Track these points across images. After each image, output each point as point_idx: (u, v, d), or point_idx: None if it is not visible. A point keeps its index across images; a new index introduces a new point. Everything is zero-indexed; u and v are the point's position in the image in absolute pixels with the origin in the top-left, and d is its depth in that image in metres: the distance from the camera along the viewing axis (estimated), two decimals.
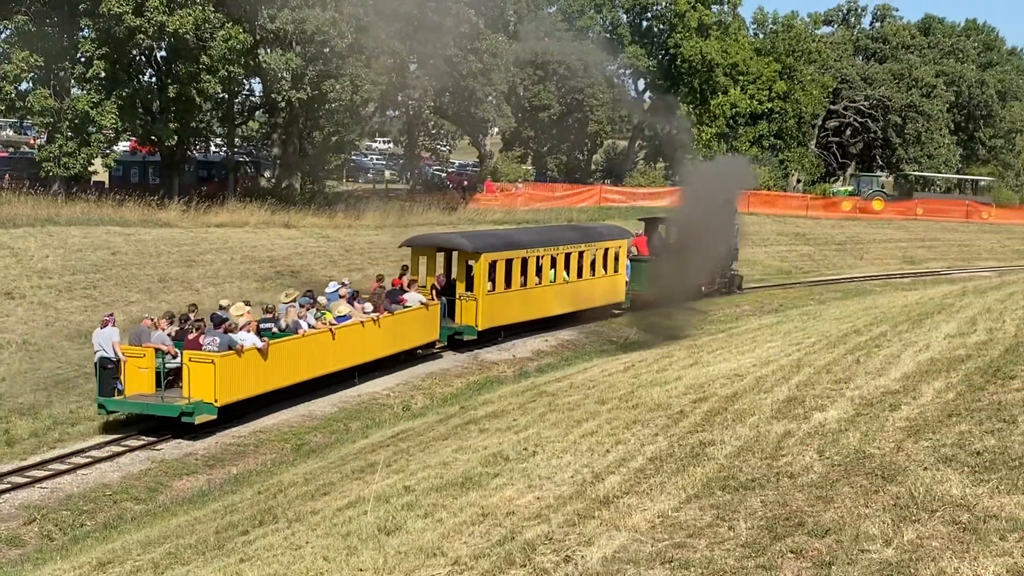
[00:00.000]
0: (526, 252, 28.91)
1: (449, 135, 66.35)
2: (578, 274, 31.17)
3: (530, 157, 66.27)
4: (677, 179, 61.73)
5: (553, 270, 30.12)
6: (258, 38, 43.01)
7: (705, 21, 64.45)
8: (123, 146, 55.54)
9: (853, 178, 71.67)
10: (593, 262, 31.74)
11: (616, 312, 33.11)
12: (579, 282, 31.13)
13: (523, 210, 52.45)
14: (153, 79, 43.57)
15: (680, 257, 30.57)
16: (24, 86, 40.47)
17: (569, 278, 30.74)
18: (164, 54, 42.41)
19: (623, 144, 73.30)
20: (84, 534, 15.07)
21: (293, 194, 46.16)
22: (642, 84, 70.14)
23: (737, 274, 39.09)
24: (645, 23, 67.75)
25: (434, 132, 62.78)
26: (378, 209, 46.17)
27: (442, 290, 26.92)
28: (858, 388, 11.56)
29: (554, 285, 30.11)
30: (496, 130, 64.29)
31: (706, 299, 34.22)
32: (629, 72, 68.29)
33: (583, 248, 31.32)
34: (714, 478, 9.04)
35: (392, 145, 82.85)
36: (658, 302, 28.79)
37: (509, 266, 28.21)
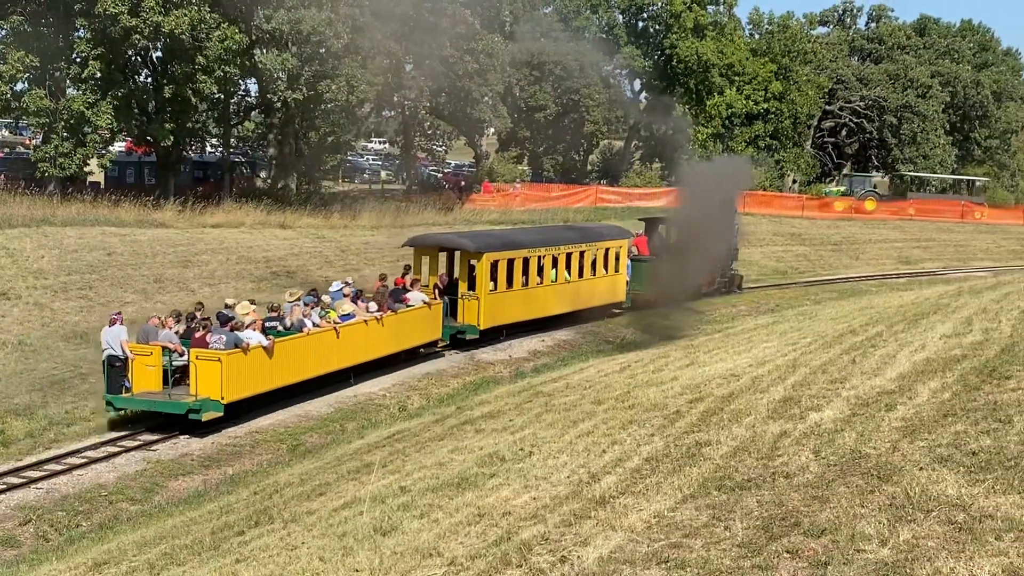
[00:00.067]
0: (528, 252, 29.00)
1: (445, 135, 66.32)
2: (579, 274, 31.27)
3: (526, 157, 66.26)
4: (673, 179, 61.78)
5: (554, 270, 30.24)
6: (254, 38, 42.99)
7: (701, 21, 64.48)
8: (119, 146, 55.47)
9: (846, 178, 71.72)
10: (594, 262, 31.83)
11: (617, 312, 33.19)
12: (580, 282, 31.22)
13: (519, 210, 52.46)
14: (149, 79, 43.55)
15: (680, 257, 30.62)
16: (20, 86, 40.47)
17: (570, 278, 30.84)
18: (160, 54, 42.38)
19: (619, 144, 73.33)
20: (80, 535, 15.05)
21: (289, 194, 46.14)
22: (638, 84, 70.23)
23: (737, 274, 39.13)
24: (641, 23, 67.78)
25: (430, 132, 62.75)
26: (374, 210, 46.18)
27: (444, 289, 27.01)
28: (854, 388, 11.58)
29: (555, 285, 30.23)
30: (492, 130, 64.33)
31: (704, 299, 34.24)
32: (625, 72, 68.32)
33: (584, 248, 31.41)
34: (710, 478, 9.05)
35: (388, 145, 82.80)
36: (658, 302, 28.83)
37: (511, 266, 28.30)
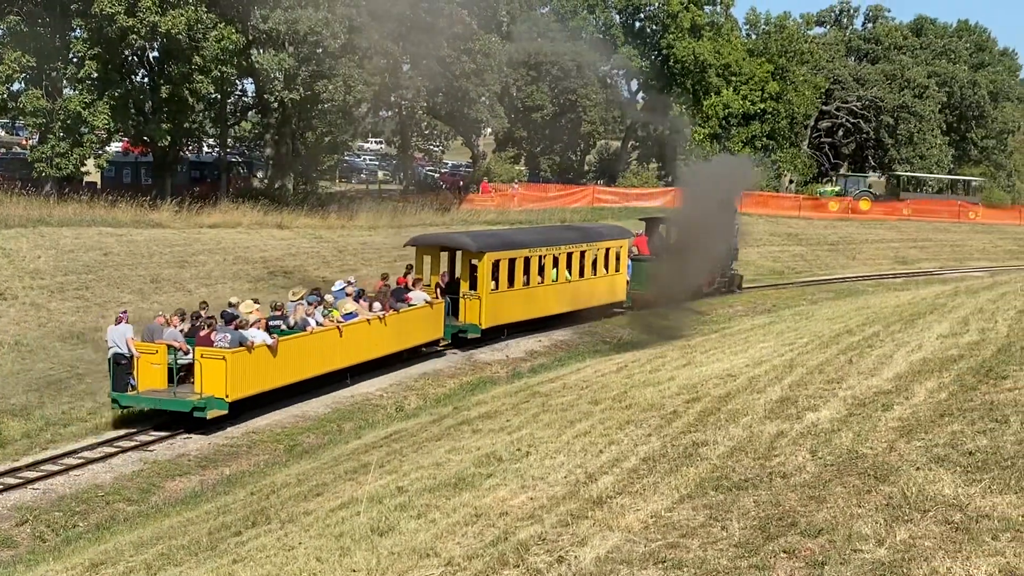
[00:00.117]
0: (529, 252, 29.09)
1: (442, 136, 66.29)
2: (580, 274, 31.35)
3: (523, 158, 66.27)
4: (670, 180, 61.84)
5: (555, 269, 30.35)
6: (251, 38, 42.97)
7: (698, 22, 64.53)
8: (115, 147, 55.40)
9: (840, 178, 71.78)
10: (594, 262, 31.91)
11: (617, 311, 33.24)
12: (580, 282, 31.30)
13: (516, 211, 52.47)
14: (145, 79, 43.52)
15: (681, 257, 30.67)
16: (16, 86, 40.44)
17: (571, 277, 30.91)
18: (156, 54, 42.36)
19: (616, 145, 73.36)
20: (76, 535, 15.02)
21: (286, 195, 46.11)
22: (635, 85, 70.24)
23: (737, 273, 39.16)
24: (638, 24, 67.84)
25: (427, 133, 62.72)
26: (371, 210, 46.15)
27: (446, 289, 27.08)
28: (851, 388, 11.58)
29: (556, 284, 30.33)
30: (489, 131, 64.35)
31: (702, 299, 34.27)
32: (622, 73, 68.36)
33: (584, 248, 31.49)
34: (707, 478, 9.05)
35: (385, 146, 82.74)
36: (658, 302, 28.87)
37: (512, 265, 28.39)
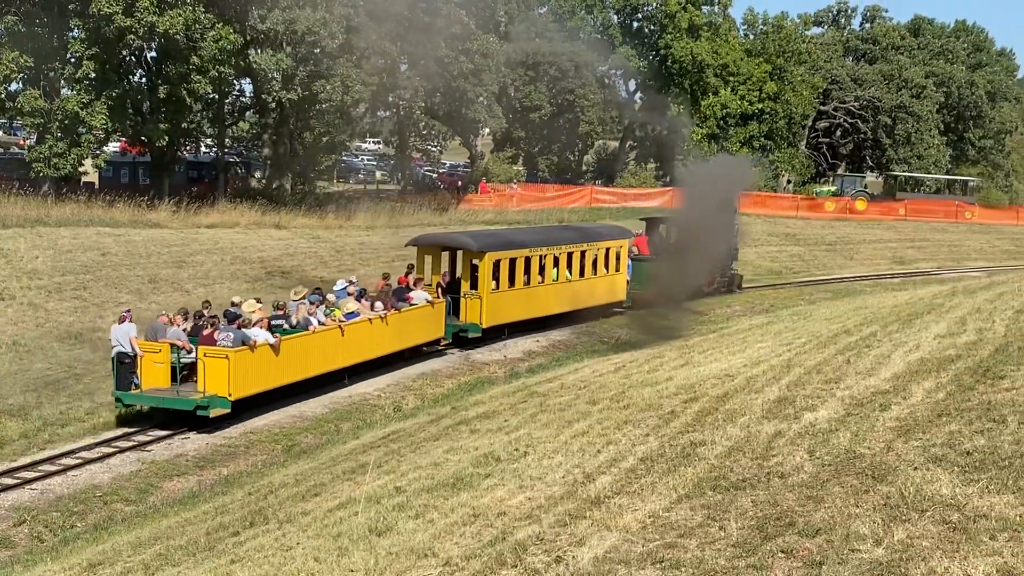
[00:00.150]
0: (529, 251, 29.16)
1: (440, 136, 66.27)
2: (580, 273, 31.41)
3: (521, 158, 66.27)
4: (668, 180, 61.85)
5: (555, 269, 30.42)
6: (248, 38, 42.96)
7: (695, 22, 64.54)
8: (113, 147, 55.37)
9: (837, 178, 71.82)
10: (595, 261, 31.97)
11: (617, 311, 33.27)
12: (581, 281, 31.36)
13: (515, 211, 52.47)
14: (143, 79, 43.47)
15: (681, 257, 30.70)
16: (14, 87, 40.38)
17: (571, 277, 30.97)
18: (154, 54, 42.32)
19: (614, 145, 73.35)
20: (74, 535, 15.02)
21: (284, 195, 46.10)
22: (633, 85, 70.25)
23: (737, 273, 39.19)
24: (636, 24, 67.84)
25: (425, 133, 62.71)
26: (369, 210, 46.16)
27: (447, 288, 27.12)
28: (848, 388, 11.59)
29: (556, 284, 30.40)
30: (487, 131, 64.28)
31: (702, 299, 34.28)
32: (620, 73, 68.35)
33: (585, 248, 31.56)
34: (705, 478, 9.05)
35: (383, 146, 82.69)
36: (658, 302, 28.90)
37: (513, 265, 28.46)
